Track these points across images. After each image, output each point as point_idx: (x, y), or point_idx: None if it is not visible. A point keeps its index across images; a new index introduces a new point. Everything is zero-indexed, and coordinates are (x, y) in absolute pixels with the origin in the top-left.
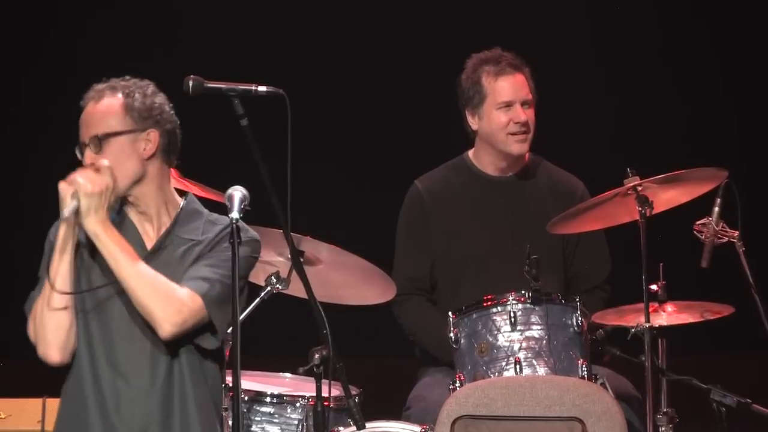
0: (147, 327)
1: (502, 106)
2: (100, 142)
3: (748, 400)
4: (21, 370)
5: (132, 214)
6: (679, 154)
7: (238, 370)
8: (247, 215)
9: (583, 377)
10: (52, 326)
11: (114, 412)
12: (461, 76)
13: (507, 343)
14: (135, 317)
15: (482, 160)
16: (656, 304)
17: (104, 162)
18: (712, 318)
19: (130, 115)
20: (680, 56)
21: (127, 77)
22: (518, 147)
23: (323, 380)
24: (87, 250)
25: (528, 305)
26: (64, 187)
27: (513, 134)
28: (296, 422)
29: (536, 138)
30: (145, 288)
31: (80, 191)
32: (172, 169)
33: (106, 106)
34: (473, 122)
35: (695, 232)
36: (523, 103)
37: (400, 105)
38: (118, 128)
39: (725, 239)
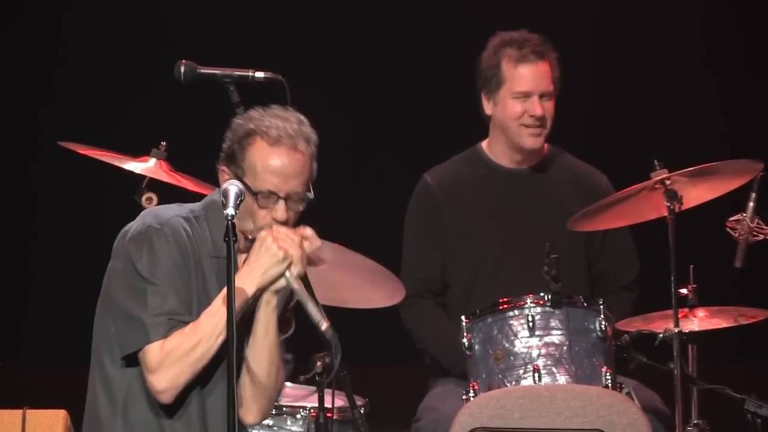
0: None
1: (519, 96)
2: (305, 203)
3: None
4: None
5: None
6: (710, 145)
7: (233, 379)
8: None
9: (606, 386)
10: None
11: None
12: (482, 54)
13: (525, 350)
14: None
15: (496, 150)
16: (686, 310)
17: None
18: (746, 323)
19: (314, 167)
20: (710, 44)
21: (284, 109)
22: (531, 141)
23: (326, 390)
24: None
25: (547, 308)
26: (275, 249)
27: (527, 126)
28: None
29: (558, 128)
30: (273, 375)
31: (294, 262)
32: (162, 162)
33: (306, 160)
34: (488, 107)
35: (728, 229)
36: (542, 96)
37: (408, 93)
38: (310, 188)
39: (761, 237)
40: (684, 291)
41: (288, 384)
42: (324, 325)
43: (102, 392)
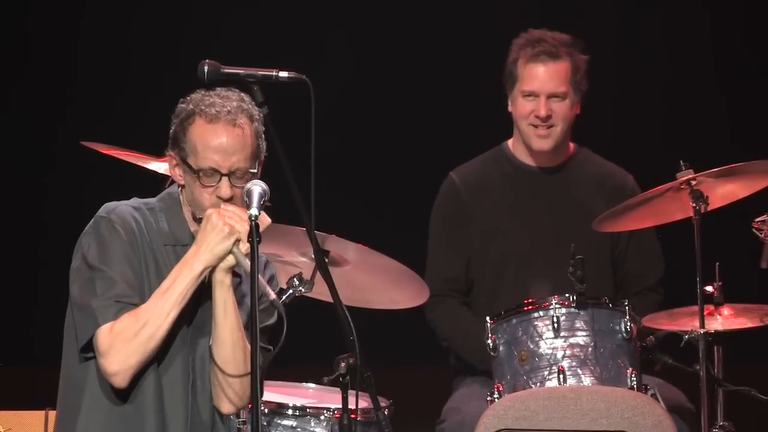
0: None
1: (527, 95)
2: (252, 177)
3: None
4: (23, 379)
5: None
6: (735, 145)
7: (256, 379)
8: (268, 212)
9: (632, 388)
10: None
11: None
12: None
13: (549, 351)
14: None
15: (519, 149)
16: (712, 308)
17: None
18: None
19: (259, 144)
20: (736, 42)
21: (227, 89)
22: (538, 142)
23: (350, 391)
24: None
25: (572, 309)
26: (220, 225)
27: (534, 126)
28: None
29: (584, 128)
30: (239, 358)
31: (242, 238)
32: None
33: (247, 135)
34: (509, 104)
35: (754, 229)
36: (551, 96)
37: (433, 91)
38: (255, 165)
39: None
40: (710, 289)
41: (311, 385)
42: (272, 296)
43: (68, 388)
